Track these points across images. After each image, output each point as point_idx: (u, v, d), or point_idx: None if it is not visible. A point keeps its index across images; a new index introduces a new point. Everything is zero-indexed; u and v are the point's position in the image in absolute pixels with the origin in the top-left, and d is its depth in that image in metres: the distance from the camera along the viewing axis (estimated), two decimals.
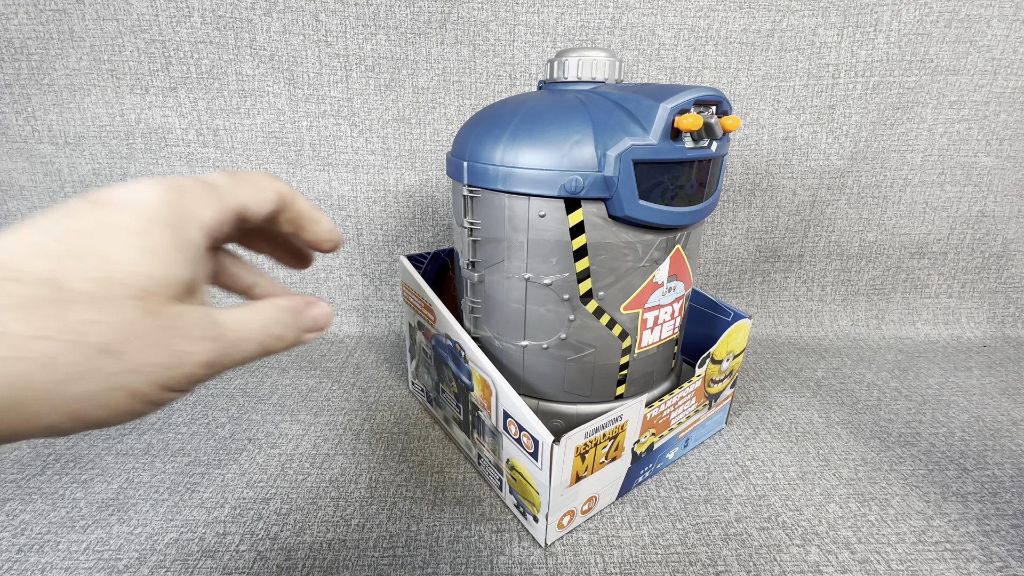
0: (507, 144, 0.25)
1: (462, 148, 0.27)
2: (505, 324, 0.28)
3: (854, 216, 0.51)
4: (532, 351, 0.28)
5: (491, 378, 0.26)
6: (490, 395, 0.26)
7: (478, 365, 0.27)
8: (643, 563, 0.25)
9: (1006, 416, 0.38)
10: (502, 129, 0.25)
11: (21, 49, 0.44)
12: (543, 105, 0.26)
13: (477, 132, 0.27)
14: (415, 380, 0.37)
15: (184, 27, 0.44)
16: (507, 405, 0.25)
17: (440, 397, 0.33)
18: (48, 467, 0.31)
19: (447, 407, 0.33)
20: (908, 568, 0.25)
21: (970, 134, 0.49)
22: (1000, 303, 0.53)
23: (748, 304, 0.53)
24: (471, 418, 0.30)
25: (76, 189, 0.49)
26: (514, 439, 0.25)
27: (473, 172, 0.26)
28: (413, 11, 0.44)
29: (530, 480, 0.25)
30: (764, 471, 0.32)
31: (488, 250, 0.27)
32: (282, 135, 0.47)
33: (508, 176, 0.25)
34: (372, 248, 0.51)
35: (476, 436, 0.30)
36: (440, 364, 0.32)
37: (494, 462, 0.28)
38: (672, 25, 0.45)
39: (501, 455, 0.27)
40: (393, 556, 0.25)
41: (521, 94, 0.29)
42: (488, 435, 0.28)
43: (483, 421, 0.28)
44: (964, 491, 0.30)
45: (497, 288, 0.28)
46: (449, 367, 0.31)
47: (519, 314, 0.28)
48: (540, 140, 0.24)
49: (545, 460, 0.23)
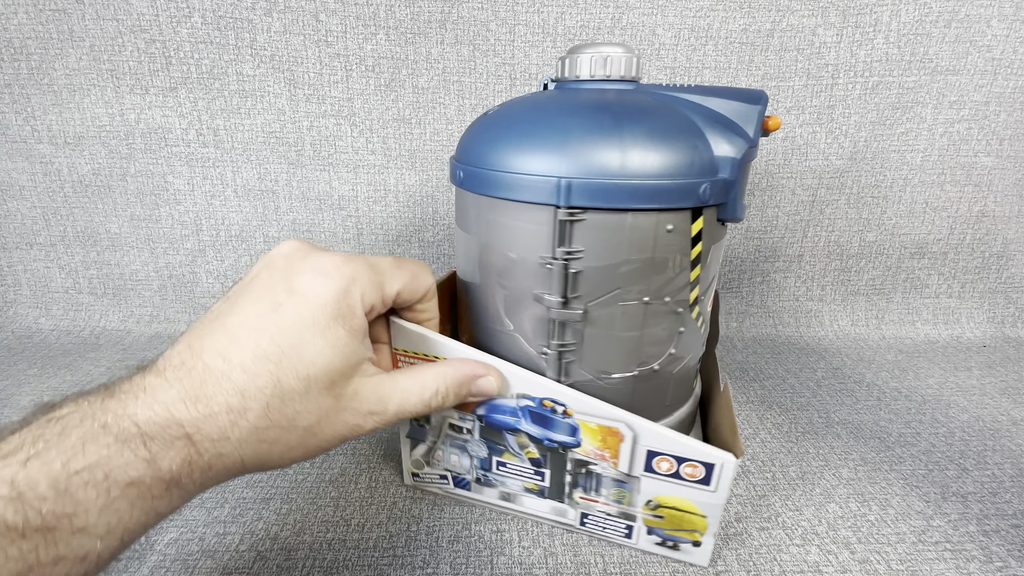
0: (625, 153, 0.21)
1: (555, 163, 0.21)
2: (612, 358, 0.24)
3: (854, 216, 0.51)
4: (642, 377, 0.25)
5: (625, 422, 0.23)
6: (619, 441, 0.23)
7: (598, 414, 0.23)
8: (643, 563, 0.25)
9: (1006, 416, 0.38)
10: (610, 135, 0.21)
11: (21, 49, 0.44)
12: (635, 109, 0.22)
13: (574, 142, 0.21)
14: (423, 468, 0.28)
15: (184, 27, 0.44)
16: (653, 444, 0.23)
17: (490, 476, 0.27)
18: None
19: (509, 482, 0.27)
20: (908, 568, 0.25)
21: (970, 134, 0.49)
22: (1000, 303, 0.53)
23: (748, 304, 0.53)
24: (571, 479, 0.25)
25: (76, 189, 0.49)
26: (667, 475, 0.23)
27: (580, 190, 0.21)
28: (413, 11, 0.44)
29: (690, 509, 0.23)
30: (764, 471, 0.32)
31: (594, 281, 0.22)
32: (282, 135, 0.47)
33: (636, 190, 0.20)
34: (372, 248, 0.51)
35: (579, 496, 0.25)
36: (494, 435, 0.25)
37: (618, 513, 0.25)
38: (672, 25, 0.45)
39: (634, 500, 0.24)
40: (393, 556, 0.25)
41: (559, 94, 0.24)
42: (610, 487, 0.24)
43: (598, 475, 0.24)
44: (964, 491, 0.30)
45: (604, 322, 0.23)
46: (521, 433, 0.25)
47: (634, 342, 0.24)
48: (663, 147, 0.21)
49: (725, 480, 0.22)
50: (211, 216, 0.49)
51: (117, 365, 0.43)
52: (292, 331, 0.17)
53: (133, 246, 0.50)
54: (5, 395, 0.39)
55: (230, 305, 0.18)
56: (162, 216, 0.49)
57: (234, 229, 0.50)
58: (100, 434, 0.14)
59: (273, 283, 0.19)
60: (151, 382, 0.16)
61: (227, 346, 0.17)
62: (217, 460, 0.16)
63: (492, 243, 0.24)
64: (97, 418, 0.15)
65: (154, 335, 0.49)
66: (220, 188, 0.49)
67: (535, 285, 0.23)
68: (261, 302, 0.18)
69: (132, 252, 0.50)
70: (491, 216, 0.23)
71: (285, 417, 0.17)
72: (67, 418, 0.15)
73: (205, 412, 0.16)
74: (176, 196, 0.49)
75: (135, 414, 0.15)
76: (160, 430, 0.15)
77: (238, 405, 0.16)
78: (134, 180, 0.48)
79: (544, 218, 0.22)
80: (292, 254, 0.20)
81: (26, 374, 0.42)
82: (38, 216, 0.49)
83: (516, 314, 0.24)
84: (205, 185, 0.49)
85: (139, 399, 0.16)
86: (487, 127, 0.25)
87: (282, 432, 0.17)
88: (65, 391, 0.39)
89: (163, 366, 0.17)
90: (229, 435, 0.16)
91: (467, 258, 0.27)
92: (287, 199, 0.49)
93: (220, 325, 0.18)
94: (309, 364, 0.17)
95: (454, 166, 0.25)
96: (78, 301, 0.51)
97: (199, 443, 0.16)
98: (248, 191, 0.49)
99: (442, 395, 0.21)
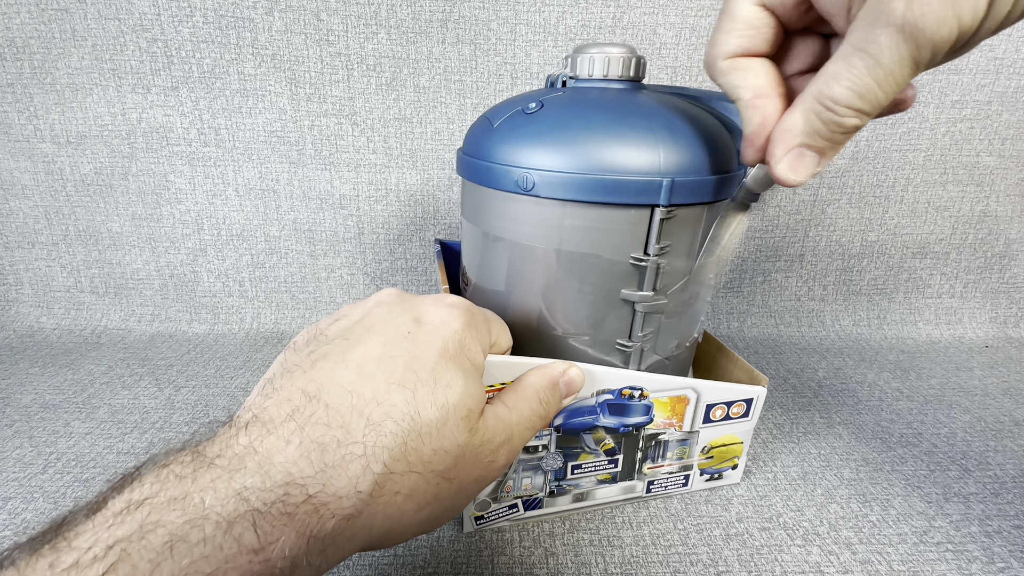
0: (704, 151, 0.22)
1: (653, 164, 0.21)
2: (682, 335, 0.26)
3: (856, 215, 0.51)
4: (690, 347, 0.28)
5: (691, 387, 0.25)
6: (685, 406, 0.26)
7: (672, 387, 0.25)
8: (644, 563, 0.25)
9: (1008, 416, 0.38)
10: (696, 134, 0.22)
11: (23, 48, 0.45)
12: (678, 107, 0.23)
13: (672, 143, 0.22)
14: (488, 508, 0.26)
15: (186, 26, 0.44)
16: (711, 397, 0.26)
17: (564, 484, 0.27)
18: (50, 466, 0.31)
19: (583, 482, 0.27)
20: (910, 569, 0.25)
21: (972, 133, 0.48)
22: (1003, 303, 0.53)
23: (749, 303, 0.53)
24: (641, 454, 0.27)
25: (78, 189, 0.49)
26: (721, 419, 0.27)
27: (679, 189, 0.21)
28: (414, 10, 0.44)
29: (732, 440, 0.29)
30: (765, 471, 0.32)
31: (673, 272, 0.23)
32: (284, 134, 0.47)
33: (712, 184, 0.22)
34: (374, 247, 0.51)
35: (648, 468, 0.27)
36: (570, 441, 0.25)
37: (677, 470, 0.28)
38: (673, 24, 0.45)
39: (693, 452, 0.28)
40: (393, 555, 0.25)
41: (603, 94, 0.24)
42: (674, 448, 0.27)
43: (664, 442, 0.27)
44: (966, 492, 0.30)
45: (677, 308, 0.25)
46: (598, 428, 0.25)
47: (693, 319, 0.27)
48: (722, 144, 0.23)
49: (758, 408, 0.28)
50: (212, 215, 0.49)
51: (119, 364, 0.43)
52: (427, 359, 0.16)
53: (134, 245, 0.50)
54: (7, 394, 0.39)
55: (344, 345, 0.16)
56: (163, 215, 0.49)
57: (235, 228, 0.50)
58: (194, 527, 0.11)
59: (395, 315, 0.17)
60: (262, 442, 0.13)
61: (354, 380, 0.15)
62: (343, 528, 0.13)
63: (574, 249, 0.23)
64: (190, 500, 0.12)
65: (155, 334, 0.49)
66: (221, 187, 0.49)
67: (623, 284, 0.23)
68: (387, 332, 0.16)
69: (134, 251, 0.50)
70: (572, 222, 0.22)
71: (421, 459, 0.15)
72: (148, 504, 0.11)
73: (333, 460, 0.13)
74: (177, 195, 0.49)
75: (244, 487, 0.12)
76: (276, 501, 0.12)
77: (372, 444, 0.14)
78: (136, 179, 0.48)
79: (641, 218, 0.22)
80: (399, 293, 0.19)
81: (28, 373, 0.42)
82: (40, 215, 0.49)
83: (593, 315, 0.24)
84: (206, 184, 0.49)
85: (247, 466, 0.13)
86: (549, 128, 0.23)
87: (418, 480, 0.15)
88: (67, 390, 0.39)
89: (268, 419, 0.14)
90: (360, 487, 0.13)
91: (516, 269, 0.25)
92: (288, 198, 0.49)
93: (339, 362, 0.15)
94: (446, 393, 0.15)
95: (518, 174, 0.23)
96: (80, 300, 0.51)
97: (323, 504, 0.13)
98: (249, 190, 0.49)
99: (544, 403, 0.20)
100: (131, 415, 0.36)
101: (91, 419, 0.36)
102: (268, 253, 0.50)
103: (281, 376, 0.16)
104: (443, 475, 0.15)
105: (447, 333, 0.17)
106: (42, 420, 0.36)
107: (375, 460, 0.14)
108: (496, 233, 0.25)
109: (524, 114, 0.24)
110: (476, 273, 0.28)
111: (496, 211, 0.25)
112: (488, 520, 0.27)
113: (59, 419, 0.36)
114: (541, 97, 0.24)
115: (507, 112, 0.25)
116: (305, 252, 0.51)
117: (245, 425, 0.14)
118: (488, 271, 0.26)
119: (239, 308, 0.51)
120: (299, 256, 0.51)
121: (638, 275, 0.23)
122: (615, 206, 0.22)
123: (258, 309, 0.51)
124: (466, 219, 0.28)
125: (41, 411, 0.37)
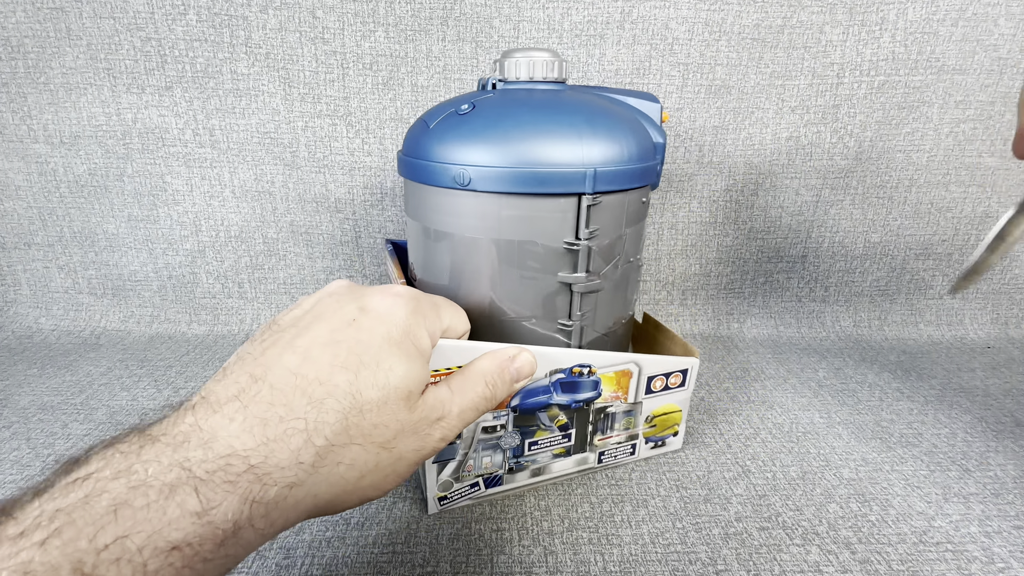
0: (627, 144, 0.25)
1: (580, 156, 0.24)
2: (618, 311, 0.29)
3: (859, 216, 0.50)
4: (626, 323, 0.31)
5: (634, 361, 0.28)
6: (629, 379, 0.28)
7: (616, 362, 0.27)
8: (643, 562, 0.25)
9: (1009, 417, 0.38)
10: (615, 128, 0.25)
11: (18, 47, 0.44)
12: (598, 105, 0.26)
13: (594, 137, 0.24)
14: (451, 488, 0.27)
15: (180, 24, 0.44)
16: (651, 370, 0.28)
17: (522, 460, 0.28)
18: (47, 468, 0.31)
19: (539, 457, 0.28)
20: (909, 569, 0.25)
21: (975, 134, 0.48)
22: (1004, 304, 0.53)
23: (750, 304, 0.53)
24: (591, 427, 0.29)
25: (71, 189, 0.48)
26: (661, 389, 0.30)
27: (600, 178, 0.24)
28: (414, 7, 0.44)
29: (672, 409, 0.31)
30: (764, 471, 0.31)
31: (604, 254, 0.26)
32: (277, 136, 0.47)
33: (634, 173, 0.25)
34: (371, 251, 0.51)
35: (598, 439, 0.29)
36: (526, 420, 0.27)
37: (625, 440, 0.30)
38: (686, 19, 0.44)
39: (638, 422, 0.30)
40: (392, 553, 0.25)
41: (513, 93, 0.26)
42: (621, 419, 0.30)
43: (612, 414, 0.29)
44: (966, 492, 0.30)
45: (610, 286, 0.27)
46: (552, 406, 0.27)
47: (629, 293, 0.29)
48: (639, 136, 0.26)
49: (692, 377, 0.30)
50: (210, 217, 0.49)
51: (117, 365, 0.43)
52: (371, 344, 0.17)
53: (132, 246, 0.50)
54: (5, 395, 0.39)
55: (293, 332, 0.17)
56: (160, 216, 0.49)
57: (233, 230, 0.50)
58: (137, 493, 0.12)
59: (342, 304, 0.18)
60: (207, 420, 0.14)
61: (299, 364, 0.16)
62: (286, 495, 0.14)
63: (512, 237, 0.25)
64: (134, 472, 0.12)
65: (154, 335, 0.49)
66: (218, 189, 0.48)
67: (560, 267, 0.26)
68: (333, 320, 0.17)
69: (131, 252, 0.50)
70: (509, 212, 0.24)
71: (362, 432, 0.16)
72: (94, 478, 0.12)
73: (275, 434, 0.14)
74: (175, 196, 0.49)
75: (186, 459, 0.13)
76: (217, 471, 0.13)
77: (314, 420, 0.15)
78: (131, 180, 0.48)
79: (570, 205, 0.24)
80: (348, 285, 0.20)
81: (26, 374, 0.42)
82: (34, 216, 0.49)
83: (537, 298, 0.26)
84: (203, 185, 0.48)
85: (191, 441, 0.14)
86: (483, 127, 0.24)
87: (359, 452, 0.16)
88: (65, 391, 0.39)
89: (215, 400, 0.15)
90: (302, 458, 0.14)
91: (461, 260, 0.26)
92: (284, 200, 0.49)
93: (286, 348, 0.16)
94: (387, 375, 0.17)
95: (455, 170, 0.24)
96: (78, 301, 0.51)
97: (266, 474, 0.14)
98: (246, 192, 0.49)
99: (491, 385, 0.21)
100: (130, 417, 0.36)
101: (89, 420, 0.36)
102: (267, 255, 0.50)
103: (234, 363, 0.17)
104: (383, 446, 0.17)
105: (391, 320, 0.18)
106: (40, 422, 0.36)
107: (317, 434, 0.15)
108: (438, 228, 0.26)
109: (458, 115, 0.25)
110: (422, 269, 0.29)
111: (437, 207, 0.26)
112: (451, 500, 0.28)
113: (57, 420, 0.36)
114: (473, 99, 0.26)
115: (442, 114, 0.26)
116: (303, 254, 0.50)
117: (193, 407, 0.15)
118: (433, 265, 0.28)
119: (239, 309, 0.51)
120: (297, 258, 0.51)
121: (572, 258, 0.25)
122: (546, 196, 0.24)
123: (258, 310, 0.51)
124: (410, 217, 0.29)
125: (39, 412, 0.37)
